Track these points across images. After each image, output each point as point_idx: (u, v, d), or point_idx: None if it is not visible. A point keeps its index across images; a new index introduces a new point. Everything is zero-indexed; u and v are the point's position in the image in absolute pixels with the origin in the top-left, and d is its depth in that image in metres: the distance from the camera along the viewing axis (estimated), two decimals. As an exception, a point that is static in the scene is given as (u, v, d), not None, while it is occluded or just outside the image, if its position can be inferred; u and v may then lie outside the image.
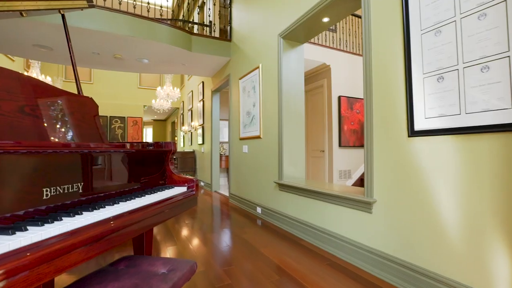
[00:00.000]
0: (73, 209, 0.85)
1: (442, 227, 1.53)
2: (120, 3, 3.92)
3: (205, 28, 5.66)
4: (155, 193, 1.22)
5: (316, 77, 5.45)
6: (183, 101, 9.41)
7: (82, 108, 1.20)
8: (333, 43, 5.22)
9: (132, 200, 1.06)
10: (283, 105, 3.16)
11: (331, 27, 5.83)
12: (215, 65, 5.22)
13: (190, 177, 1.48)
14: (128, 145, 1.30)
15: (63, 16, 1.41)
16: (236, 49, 4.56)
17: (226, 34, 4.90)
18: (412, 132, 1.68)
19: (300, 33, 3.05)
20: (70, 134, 1.11)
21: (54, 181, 0.85)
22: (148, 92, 9.24)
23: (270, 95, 3.42)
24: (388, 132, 1.86)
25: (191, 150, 7.59)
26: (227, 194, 5.48)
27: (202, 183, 6.81)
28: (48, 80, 5.66)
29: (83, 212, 0.84)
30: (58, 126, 1.07)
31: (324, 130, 5.15)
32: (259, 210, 3.64)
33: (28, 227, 0.66)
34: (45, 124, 1.02)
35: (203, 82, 6.76)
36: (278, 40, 3.22)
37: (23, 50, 4.28)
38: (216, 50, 4.66)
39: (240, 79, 4.33)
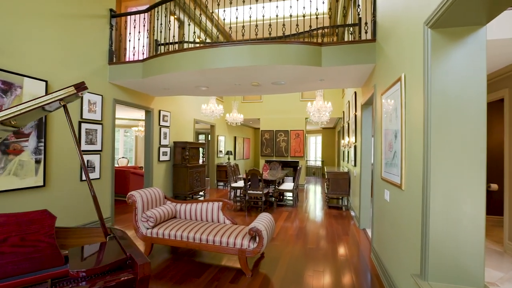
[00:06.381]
0: None
1: None
2: (243, 35, 3.88)
3: (355, 29, 4.66)
4: None
5: (551, 66, 2.98)
6: (343, 111, 8.52)
7: (25, 228, 1.00)
8: None
9: None
10: (432, 142, 1.80)
11: None
12: (359, 74, 4.12)
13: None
14: None
15: (64, 106, 1.33)
16: (381, 52, 3.30)
17: (371, 33, 3.71)
18: None
19: (470, 8, 1.60)
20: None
21: None
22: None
23: (415, 124, 2.10)
24: None
25: (346, 171, 6.63)
26: (377, 238, 4.19)
27: (352, 213, 5.72)
28: (219, 108, 6.83)
29: None
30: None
31: None
32: (397, 299, 2.36)
33: None
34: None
35: (355, 93, 5.67)
36: (424, 33, 1.88)
37: (193, 91, 5.29)
38: (353, 58, 3.61)
39: (382, 94, 3.09)
